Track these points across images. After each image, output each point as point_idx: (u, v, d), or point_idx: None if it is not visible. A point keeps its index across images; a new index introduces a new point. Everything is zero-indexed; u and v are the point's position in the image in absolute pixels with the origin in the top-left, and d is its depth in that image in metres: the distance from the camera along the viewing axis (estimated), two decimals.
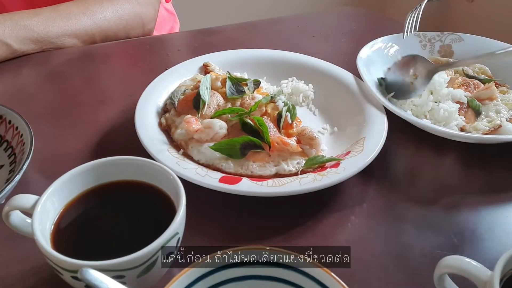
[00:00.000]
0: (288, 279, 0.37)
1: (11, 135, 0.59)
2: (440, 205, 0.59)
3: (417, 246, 0.53)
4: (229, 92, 0.67)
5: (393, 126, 0.65)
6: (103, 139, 0.67)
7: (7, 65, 0.83)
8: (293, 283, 0.37)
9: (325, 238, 0.53)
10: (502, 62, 0.82)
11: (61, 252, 0.38)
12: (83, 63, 0.86)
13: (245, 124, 0.62)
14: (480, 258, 0.41)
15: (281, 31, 1.04)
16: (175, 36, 1.09)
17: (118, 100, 0.76)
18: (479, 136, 0.65)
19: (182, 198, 0.42)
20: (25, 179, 0.54)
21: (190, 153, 0.60)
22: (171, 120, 0.65)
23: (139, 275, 0.39)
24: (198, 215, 0.51)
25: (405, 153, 0.68)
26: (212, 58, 0.79)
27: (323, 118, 0.72)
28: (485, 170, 0.65)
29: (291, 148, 0.59)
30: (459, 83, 0.75)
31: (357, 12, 1.21)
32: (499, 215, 0.59)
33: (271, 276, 0.37)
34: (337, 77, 0.76)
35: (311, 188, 0.53)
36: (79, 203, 0.46)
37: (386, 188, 0.61)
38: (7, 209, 0.43)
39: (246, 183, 0.54)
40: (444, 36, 0.88)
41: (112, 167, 0.47)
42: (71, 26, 0.87)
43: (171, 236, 0.40)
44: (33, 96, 0.77)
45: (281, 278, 0.37)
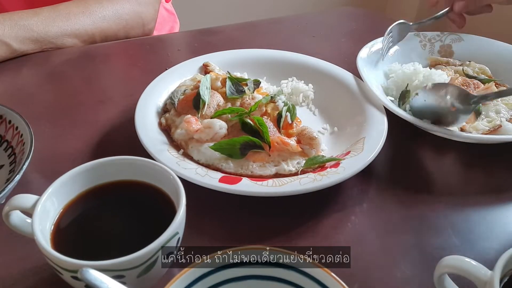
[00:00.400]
0: (288, 279, 0.37)
1: (11, 135, 0.59)
2: (440, 205, 0.59)
3: (417, 246, 0.53)
4: (229, 92, 0.68)
5: (393, 126, 0.65)
6: (103, 139, 0.67)
7: (7, 65, 0.83)
8: (293, 283, 0.37)
9: (325, 238, 0.53)
10: (502, 62, 0.82)
11: (61, 252, 0.38)
12: (83, 63, 0.86)
13: (245, 124, 0.62)
14: (480, 258, 0.41)
15: (281, 31, 1.04)
16: (175, 36, 1.09)
17: (118, 100, 0.76)
18: (479, 136, 0.65)
19: (182, 198, 0.42)
20: (25, 179, 0.54)
21: (190, 153, 0.60)
22: (171, 120, 0.65)
23: (139, 275, 0.39)
24: (198, 215, 0.51)
25: (405, 153, 0.68)
26: (212, 58, 0.79)
27: (323, 118, 0.72)
28: (485, 170, 0.65)
29: (291, 148, 0.59)
30: (459, 83, 0.75)
31: (357, 12, 1.21)
32: (499, 215, 0.59)
33: (271, 276, 0.37)
34: (337, 77, 0.76)
35: (311, 188, 0.53)
36: (79, 203, 0.46)
37: (386, 188, 0.61)
38: (7, 209, 0.43)
39: (246, 183, 0.54)
40: (444, 36, 0.88)
41: (112, 167, 0.47)
42: (71, 26, 0.87)
43: (171, 236, 0.40)
44: (33, 96, 0.77)
45: (281, 278, 0.37)
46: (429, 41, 0.87)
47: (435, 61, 0.84)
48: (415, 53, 0.85)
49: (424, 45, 0.87)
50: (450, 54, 0.87)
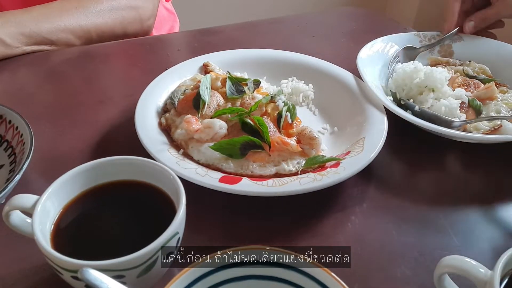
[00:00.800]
0: (288, 279, 0.37)
1: (11, 135, 0.59)
2: (440, 205, 0.59)
3: (417, 246, 0.53)
4: (229, 92, 0.67)
5: (393, 126, 0.65)
6: (103, 139, 0.67)
7: (7, 65, 0.83)
8: (293, 283, 0.37)
9: (325, 238, 0.53)
10: (502, 62, 0.82)
11: (61, 252, 0.38)
12: (83, 63, 0.86)
13: (245, 124, 0.62)
14: (480, 258, 0.41)
15: (281, 31, 1.04)
16: (175, 36, 1.09)
17: (118, 100, 0.76)
18: (479, 136, 0.65)
19: (182, 198, 0.42)
20: (25, 179, 0.54)
21: (190, 153, 0.60)
22: (171, 120, 0.65)
23: (139, 275, 0.39)
24: (198, 215, 0.51)
25: (405, 153, 0.68)
26: (212, 58, 0.79)
27: (323, 118, 0.72)
28: (485, 170, 0.65)
29: (291, 148, 0.59)
30: (459, 82, 0.75)
31: (357, 12, 1.21)
32: (499, 215, 0.58)
33: (271, 276, 0.37)
34: (337, 77, 0.76)
35: (311, 188, 0.53)
36: (79, 203, 0.46)
37: (386, 188, 0.61)
38: (7, 209, 0.43)
39: (246, 183, 0.54)
40: (444, 36, 0.88)
41: (112, 167, 0.47)
42: (64, 21, 0.87)
43: (171, 236, 0.40)
44: (33, 96, 0.77)
45: (281, 278, 0.37)
46: (429, 41, 0.87)
47: (435, 61, 0.85)
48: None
49: (424, 45, 0.87)
50: (450, 54, 0.87)
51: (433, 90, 0.71)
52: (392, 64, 0.80)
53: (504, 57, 0.82)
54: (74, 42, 0.90)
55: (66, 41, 0.88)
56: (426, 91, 0.71)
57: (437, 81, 0.71)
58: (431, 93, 0.71)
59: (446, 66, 0.82)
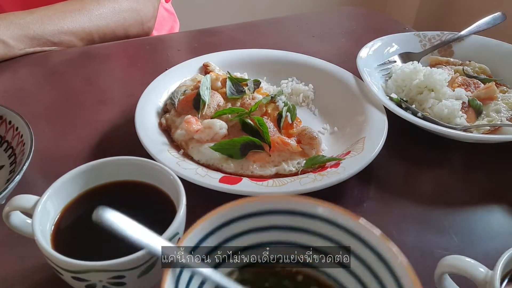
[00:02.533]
0: (315, 229, 0.37)
1: (11, 136, 0.59)
2: (440, 205, 0.59)
3: (417, 246, 0.53)
4: (229, 92, 0.68)
5: (393, 126, 0.65)
6: (103, 139, 0.67)
7: (7, 65, 0.83)
8: (320, 233, 0.37)
9: None
10: (502, 62, 0.82)
11: (61, 252, 0.38)
12: (83, 63, 0.86)
13: (245, 124, 0.62)
14: (480, 258, 0.41)
15: (281, 31, 1.03)
16: (175, 36, 1.09)
17: (118, 100, 0.76)
18: (479, 136, 0.65)
19: (182, 198, 0.42)
20: (25, 179, 0.54)
21: (190, 153, 0.60)
22: (171, 120, 0.65)
23: (139, 275, 0.39)
24: (198, 215, 0.51)
25: (405, 153, 0.68)
26: (212, 58, 0.79)
27: (323, 118, 0.72)
28: (485, 170, 0.65)
29: (291, 148, 0.59)
30: (459, 82, 0.75)
31: (357, 12, 1.21)
32: (499, 215, 0.58)
33: (294, 226, 0.37)
34: (337, 77, 0.76)
35: (311, 188, 0.53)
36: (79, 204, 0.46)
37: (386, 188, 0.61)
38: (8, 209, 0.43)
39: (246, 183, 0.54)
40: (444, 35, 0.88)
41: (112, 167, 0.47)
42: (67, 23, 0.87)
43: (171, 236, 0.40)
44: (33, 96, 0.77)
45: (306, 229, 0.37)
46: (429, 41, 0.87)
47: (435, 61, 0.84)
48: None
49: (424, 45, 0.87)
50: (450, 54, 0.87)
51: (433, 90, 0.71)
52: (386, 65, 0.80)
53: (504, 57, 0.82)
54: (76, 44, 0.90)
55: (68, 43, 0.89)
56: (426, 91, 0.71)
57: (437, 82, 0.71)
58: (431, 93, 0.71)
59: (446, 66, 0.82)
